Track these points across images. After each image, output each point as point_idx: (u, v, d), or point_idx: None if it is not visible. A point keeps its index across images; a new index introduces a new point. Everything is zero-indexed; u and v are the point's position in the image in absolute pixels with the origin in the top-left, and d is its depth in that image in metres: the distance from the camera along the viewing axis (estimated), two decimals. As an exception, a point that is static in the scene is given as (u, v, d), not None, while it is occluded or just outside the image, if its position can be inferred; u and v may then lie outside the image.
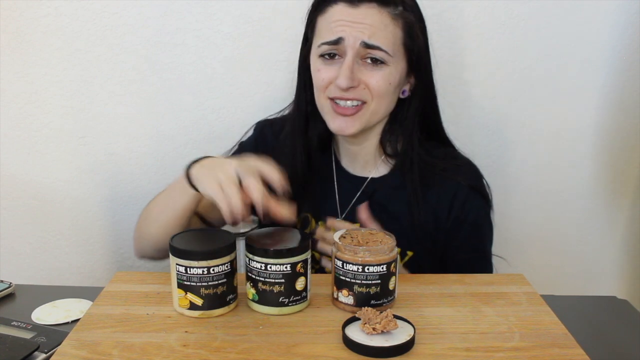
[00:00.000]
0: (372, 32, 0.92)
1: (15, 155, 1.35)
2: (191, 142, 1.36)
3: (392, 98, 0.99)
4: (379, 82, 0.94)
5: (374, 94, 0.95)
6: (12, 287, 1.00)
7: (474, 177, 1.04)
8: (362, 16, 0.92)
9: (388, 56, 0.93)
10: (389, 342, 0.68)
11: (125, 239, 1.41)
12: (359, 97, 0.95)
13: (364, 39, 0.92)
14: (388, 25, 0.93)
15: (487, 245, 1.06)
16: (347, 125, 0.97)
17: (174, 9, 1.26)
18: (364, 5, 0.92)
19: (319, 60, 0.97)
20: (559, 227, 1.40)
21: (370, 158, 1.06)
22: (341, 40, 0.93)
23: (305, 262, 0.77)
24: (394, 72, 0.95)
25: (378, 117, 0.99)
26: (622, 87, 1.30)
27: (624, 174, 1.37)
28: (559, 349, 0.70)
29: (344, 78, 0.93)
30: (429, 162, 1.02)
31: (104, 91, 1.31)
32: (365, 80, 0.94)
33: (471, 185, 1.01)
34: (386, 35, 0.93)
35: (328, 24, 0.95)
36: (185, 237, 0.80)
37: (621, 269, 1.45)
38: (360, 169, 1.07)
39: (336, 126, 0.98)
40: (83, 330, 0.74)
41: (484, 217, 1.04)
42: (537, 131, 1.33)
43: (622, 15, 1.26)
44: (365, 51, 0.93)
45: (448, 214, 1.01)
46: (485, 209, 1.05)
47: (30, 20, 1.26)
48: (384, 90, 0.95)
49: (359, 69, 0.94)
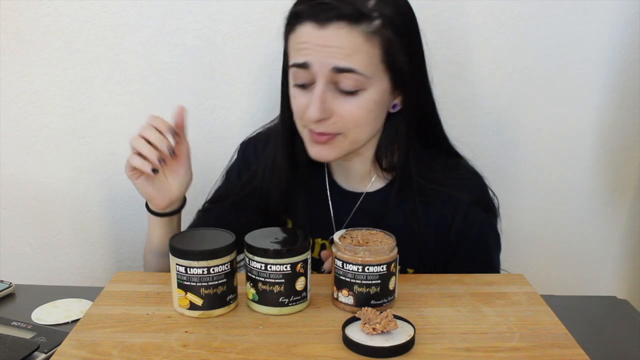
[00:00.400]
0: (345, 55, 0.81)
1: (15, 155, 1.35)
2: (191, 142, 1.35)
3: (376, 122, 0.90)
4: (355, 113, 0.85)
5: (350, 124, 0.86)
6: (12, 287, 1.00)
7: (476, 190, 0.99)
8: (332, 38, 0.81)
9: (365, 79, 0.83)
10: (389, 342, 0.68)
11: (125, 239, 1.41)
12: (329, 130, 0.87)
13: (335, 63, 0.82)
14: (361, 45, 0.82)
15: (493, 256, 1.02)
16: (325, 153, 0.90)
17: (174, 9, 1.26)
18: (332, 26, 0.81)
19: (294, 86, 0.89)
20: (559, 227, 1.40)
21: (365, 173, 1.00)
22: (308, 65, 0.83)
23: (305, 262, 0.77)
24: (374, 95, 0.86)
25: (361, 143, 0.91)
26: (622, 87, 1.30)
27: (624, 174, 1.37)
28: (559, 349, 0.70)
29: (314, 110, 0.84)
30: (428, 176, 0.95)
31: (104, 91, 1.31)
32: (338, 111, 0.85)
33: (472, 200, 0.96)
34: (361, 57, 0.82)
35: (296, 45, 0.85)
36: (185, 237, 0.80)
37: (621, 269, 1.45)
38: (356, 184, 1.02)
39: (314, 154, 0.91)
40: (83, 330, 0.74)
41: (488, 229, 1.00)
42: (537, 131, 1.33)
43: (622, 15, 1.26)
44: (338, 76, 0.83)
45: (449, 229, 0.97)
46: (489, 221, 1.00)
47: (30, 20, 1.26)
48: (362, 120, 0.86)
49: (332, 97, 0.85)
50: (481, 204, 0.98)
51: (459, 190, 0.97)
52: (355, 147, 0.91)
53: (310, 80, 0.86)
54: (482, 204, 0.99)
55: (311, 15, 0.82)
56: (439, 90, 1.30)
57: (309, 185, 1.03)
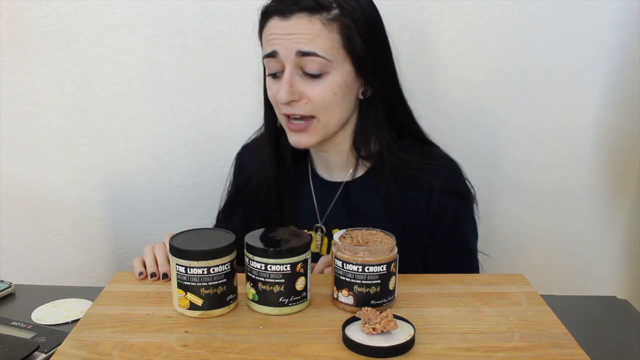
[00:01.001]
0: (307, 40, 0.90)
1: (15, 155, 1.35)
2: (191, 142, 1.36)
3: (344, 105, 0.96)
4: (321, 94, 0.93)
5: (318, 106, 0.94)
6: (12, 287, 1.00)
7: (449, 177, 1.02)
8: (294, 27, 0.91)
9: (327, 62, 0.91)
10: (389, 342, 0.68)
11: (125, 239, 1.41)
12: (301, 112, 0.94)
13: (298, 47, 0.91)
14: (321, 30, 0.91)
15: (470, 241, 1.05)
16: (302, 139, 0.97)
17: (174, 9, 1.26)
18: (294, 17, 0.91)
19: (268, 77, 0.98)
20: (559, 227, 1.40)
21: (344, 162, 1.05)
22: (276, 53, 0.93)
23: (305, 262, 0.77)
24: (338, 78, 0.93)
25: (333, 126, 0.97)
26: (622, 87, 1.30)
27: (624, 174, 1.37)
28: (559, 349, 0.70)
29: (283, 92, 0.92)
30: (404, 161, 1.00)
31: (104, 91, 1.31)
32: (306, 92, 0.93)
33: (445, 189, 1.00)
34: (321, 41, 0.91)
35: (266, 38, 0.95)
36: (185, 237, 0.80)
37: (621, 269, 1.45)
38: (336, 174, 1.06)
39: (292, 140, 0.98)
40: (83, 330, 0.74)
41: (463, 214, 1.03)
42: (537, 131, 1.33)
43: (622, 15, 1.26)
44: (303, 60, 0.91)
45: (425, 213, 1.01)
46: (464, 207, 1.03)
47: (30, 20, 1.26)
48: (328, 101, 0.93)
49: (300, 81, 0.93)
50: (455, 193, 1.01)
51: (434, 177, 1.00)
52: (329, 130, 0.97)
53: (281, 69, 0.94)
54: (455, 193, 1.01)
55: (277, 11, 0.93)
56: (439, 91, 1.31)
57: (294, 180, 1.08)
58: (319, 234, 1.06)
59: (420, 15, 1.25)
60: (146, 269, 0.90)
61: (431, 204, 1.00)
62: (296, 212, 1.08)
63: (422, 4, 1.25)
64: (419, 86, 1.03)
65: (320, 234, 1.06)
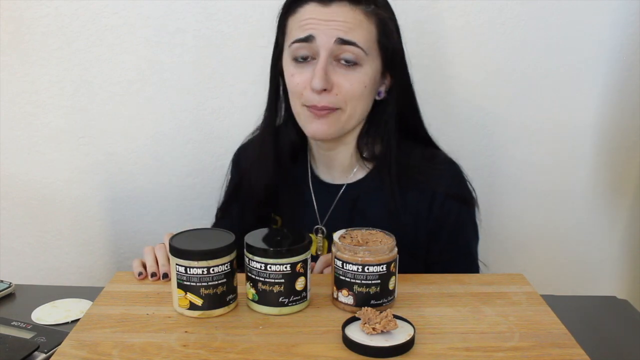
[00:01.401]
0: (348, 28, 0.89)
1: (15, 155, 1.35)
2: (191, 142, 1.36)
3: (368, 101, 0.96)
4: (354, 85, 0.92)
5: (348, 97, 0.92)
6: (12, 287, 1.00)
7: (452, 181, 1.01)
8: (335, 14, 0.89)
9: (363, 54, 0.91)
10: (389, 342, 0.68)
11: (125, 239, 1.41)
12: (332, 104, 0.92)
13: (339, 35, 0.89)
14: (362, 21, 0.90)
15: (471, 245, 1.05)
16: (323, 129, 0.94)
17: (174, 9, 1.26)
18: (335, 4, 0.90)
19: (291, 64, 0.94)
20: (559, 227, 1.40)
21: (347, 163, 1.04)
22: (312, 38, 0.90)
23: (305, 262, 0.77)
24: (369, 72, 0.93)
25: (354, 121, 0.96)
26: (622, 87, 1.30)
27: (624, 174, 1.37)
28: (559, 349, 0.70)
29: (318, 79, 0.89)
30: (407, 163, 0.99)
31: (104, 91, 1.31)
32: (339, 82, 0.91)
33: (448, 193, 0.99)
34: (361, 32, 0.90)
35: (299, 23, 0.92)
36: (185, 237, 0.80)
37: (621, 269, 1.45)
38: (337, 175, 1.05)
39: (313, 129, 0.95)
40: (83, 330, 0.74)
41: (465, 218, 1.02)
42: (537, 131, 1.33)
43: (622, 15, 1.26)
44: (340, 49, 0.90)
45: (428, 215, 1.00)
46: (466, 211, 1.02)
47: (30, 20, 1.26)
48: (358, 93, 0.93)
49: (333, 70, 0.91)
50: (458, 197, 1.01)
51: (437, 180, 1.00)
52: (350, 124, 0.97)
53: (312, 55, 0.92)
54: (458, 197, 1.01)
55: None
56: (439, 91, 1.31)
57: (292, 180, 1.07)
58: (319, 236, 1.06)
59: (420, 15, 1.26)
60: (146, 269, 0.89)
61: (434, 208, 0.99)
62: (295, 214, 1.07)
63: (421, 4, 1.25)
64: (418, 86, 1.03)
65: (321, 235, 1.05)
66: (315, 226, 1.06)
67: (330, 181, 1.06)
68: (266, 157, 1.04)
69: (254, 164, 1.06)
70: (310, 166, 1.08)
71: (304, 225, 1.06)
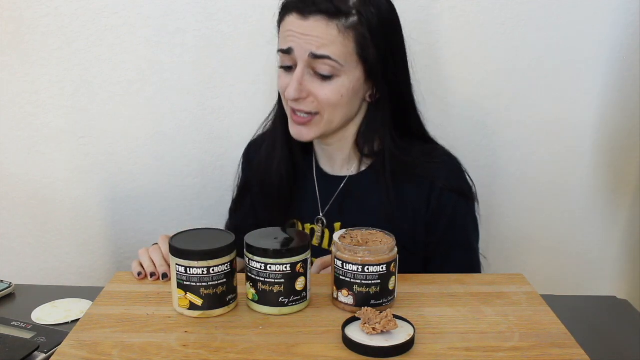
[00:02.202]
0: (320, 44, 0.91)
1: (15, 155, 1.35)
2: (191, 142, 1.36)
3: (350, 106, 0.98)
4: (328, 95, 0.94)
5: (324, 105, 0.95)
6: (12, 287, 1.00)
7: (450, 174, 1.03)
8: (311, 28, 0.92)
9: (339, 66, 0.93)
10: (389, 342, 0.68)
11: (125, 238, 1.41)
12: (307, 109, 0.96)
13: (312, 50, 0.92)
14: (336, 37, 0.92)
15: (471, 239, 1.05)
16: (303, 133, 0.99)
17: (174, 9, 1.26)
18: (312, 18, 0.92)
19: (279, 68, 0.99)
20: (559, 227, 1.40)
21: (347, 157, 1.06)
22: (291, 50, 0.94)
23: (305, 262, 0.77)
24: (347, 82, 0.95)
25: (336, 124, 0.99)
26: (622, 87, 1.30)
27: (624, 174, 1.37)
28: (559, 349, 0.70)
29: (292, 89, 0.94)
30: (404, 160, 1.01)
31: (104, 91, 1.31)
32: (314, 91, 0.95)
33: (446, 186, 1.01)
34: (335, 47, 0.92)
35: (283, 33, 0.96)
36: (185, 237, 0.80)
37: (621, 269, 1.45)
38: (339, 168, 1.08)
39: (295, 133, 1.00)
40: (83, 330, 0.74)
41: (464, 211, 1.03)
42: (537, 131, 1.33)
43: (622, 15, 1.26)
44: (315, 62, 0.93)
45: (427, 207, 1.01)
46: (464, 204, 1.03)
47: (30, 20, 1.26)
48: (334, 101, 0.95)
49: (310, 80, 0.95)
50: (456, 190, 1.02)
51: (434, 173, 1.01)
52: (331, 127, 0.99)
53: (293, 64, 0.96)
54: (456, 190, 1.02)
55: (296, 8, 0.93)
56: (439, 91, 1.31)
57: (300, 171, 1.10)
58: (319, 225, 1.07)
59: (420, 15, 1.26)
60: (144, 269, 0.90)
61: (431, 200, 1.01)
62: (298, 204, 1.09)
63: (421, 4, 1.25)
64: (418, 86, 1.03)
65: (321, 226, 1.07)
66: (316, 216, 1.08)
67: (332, 172, 1.08)
68: (279, 150, 1.07)
69: (268, 156, 1.08)
70: (315, 158, 1.11)
71: (306, 216, 1.09)
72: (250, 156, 1.17)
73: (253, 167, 1.14)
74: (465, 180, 1.04)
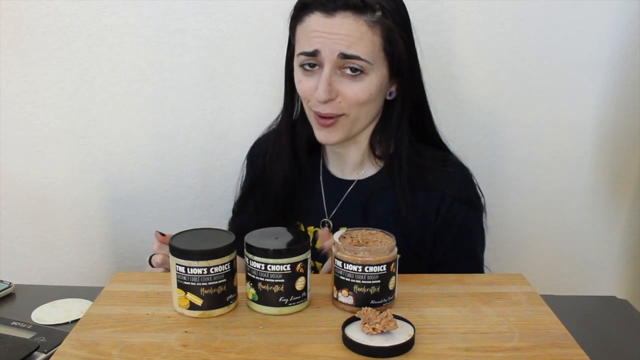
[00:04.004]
0: (350, 42, 0.89)
1: (15, 155, 1.35)
2: (191, 142, 1.36)
3: (375, 104, 0.97)
4: (358, 94, 0.93)
5: (352, 104, 0.94)
6: (12, 287, 1.00)
7: (462, 185, 1.02)
8: (338, 26, 0.89)
9: (368, 64, 0.91)
10: (389, 342, 0.68)
11: (125, 239, 1.41)
12: (335, 111, 0.94)
13: (342, 49, 0.89)
14: (365, 33, 0.90)
15: (477, 250, 1.05)
16: (331, 136, 0.97)
17: (174, 9, 1.26)
18: (339, 15, 0.89)
19: (299, 70, 0.96)
20: (559, 227, 1.40)
21: (358, 161, 1.05)
22: (318, 52, 0.91)
23: (305, 262, 0.77)
24: (375, 80, 0.93)
25: (361, 124, 0.98)
26: (622, 87, 1.30)
27: (624, 174, 1.37)
28: (559, 349, 0.70)
29: (322, 91, 0.91)
30: (418, 163, 1.00)
31: (104, 91, 1.31)
32: (343, 91, 0.93)
33: (456, 196, 1.00)
34: (364, 44, 0.90)
35: (305, 35, 0.93)
36: (185, 237, 0.80)
37: (621, 269, 1.45)
38: (349, 172, 1.06)
39: (321, 137, 0.98)
40: (83, 330, 0.74)
41: (473, 222, 1.03)
42: (537, 131, 1.33)
43: (622, 15, 1.26)
44: (344, 62, 0.91)
45: (436, 216, 1.00)
46: (474, 215, 1.03)
47: (30, 20, 1.26)
48: (363, 100, 0.94)
49: (337, 80, 0.92)
50: (467, 201, 1.01)
51: (446, 183, 1.00)
52: (357, 127, 0.98)
53: (318, 64, 0.93)
54: (467, 201, 1.01)
55: (320, 5, 0.90)
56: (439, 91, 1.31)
57: (306, 173, 1.08)
58: (325, 229, 1.06)
59: (420, 15, 1.25)
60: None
61: (441, 209, 1.00)
62: (304, 208, 1.08)
63: (421, 4, 1.25)
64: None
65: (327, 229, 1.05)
66: (322, 219, 1.06)
67: (341, 176, 1.07)
68: (284, 151, 1.05)
69: (272, 157, 1.07)
70: (323, 161, 1.10)
71: (312, 219, 1.07)
72: (254, 156, 1.16)
73: (257, 167, 1.13)
74: (475, 192, 1.03)
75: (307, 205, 1.08)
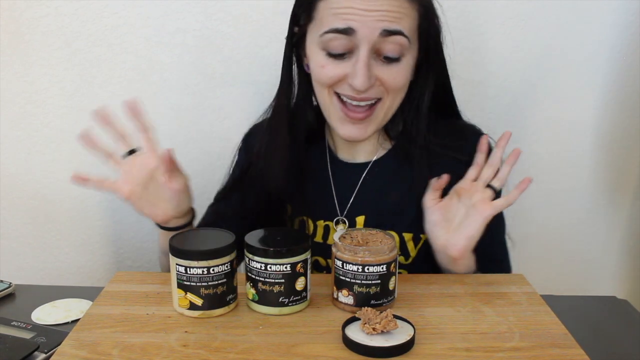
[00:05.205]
0: (393, 18, 0.81)
1: (15, 155, 1.35)
2: (191, 142, 1.36)
3: (407, 88, 0.91)
4: (397, 79, 0.85)
5: (390, 89, 0.86)
6: (12, 287, 1.00)
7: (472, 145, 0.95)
8: (378, 3, 0.80)
9: (408, 43, 0.84)
10: (389, 342, 0.68)
11: (125, 239, 1.41)
12: (374, 95, 0.86)
13: (384, 26, 0.81)
14: (407, 8, 0.83)
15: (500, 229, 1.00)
16: (360, 132, 0.89)
17: (174, 9, 1.26)
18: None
19: (321, 54, 0.86)
20: (559, 226, 1.40)
21: (374, 143, 0.98)
22: (351, 30, 0.81)
23: (305, 262, 0.77)
24: (411, 61, 0.87)
25: (392, 112, 0.91)
26: (622, 87, 1.30)
27: (624, 174, 1.37)
28: (559, 349, 0.70)
29: (363, 78, 0.82)
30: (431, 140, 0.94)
31: (104, 91, 1.31)
32: (381, 76, 0.84)
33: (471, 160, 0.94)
34: (406, 20, 0.83)
35: (334, 10, 0.82)
36: (185, 237, 0.80)
37: (621, 269, 1.45)
38: (363, 155, 0.99)
39: (346, 133, 0.89)
40: (83, 330, 0.74)
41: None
42: (537, 131, 1.33)
43: (622, 15, 1.26)
44: (384, 41, 0.82)
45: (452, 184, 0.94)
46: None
47: (30, 20, 1.26)
48: (401, 85, 0.87)
49: (374, 64, 0.84)
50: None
51: (461, 151, 0.95)
52: (387, 117, 0.91)
53: (349, 48, 0.84)
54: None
55: None
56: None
57: (307, 165, 0.99)
58: (339, 227, 0.98)
59: (420, 15, 1.25)
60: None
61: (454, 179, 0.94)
62: (310, 202, 0.99)
63: (422, 4, 1.25)
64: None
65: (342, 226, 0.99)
66: (335, 218, 0.98)
67: (352, 162, 0.99)
68: (280, 144, 0.96)
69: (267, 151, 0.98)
70: (328, 145, 1.01)
71: (321, 214, 0.99)
72: (250, 142, 1.06)
73: (252, 154, 1.02)
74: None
75: (313, 199, 0.99)
